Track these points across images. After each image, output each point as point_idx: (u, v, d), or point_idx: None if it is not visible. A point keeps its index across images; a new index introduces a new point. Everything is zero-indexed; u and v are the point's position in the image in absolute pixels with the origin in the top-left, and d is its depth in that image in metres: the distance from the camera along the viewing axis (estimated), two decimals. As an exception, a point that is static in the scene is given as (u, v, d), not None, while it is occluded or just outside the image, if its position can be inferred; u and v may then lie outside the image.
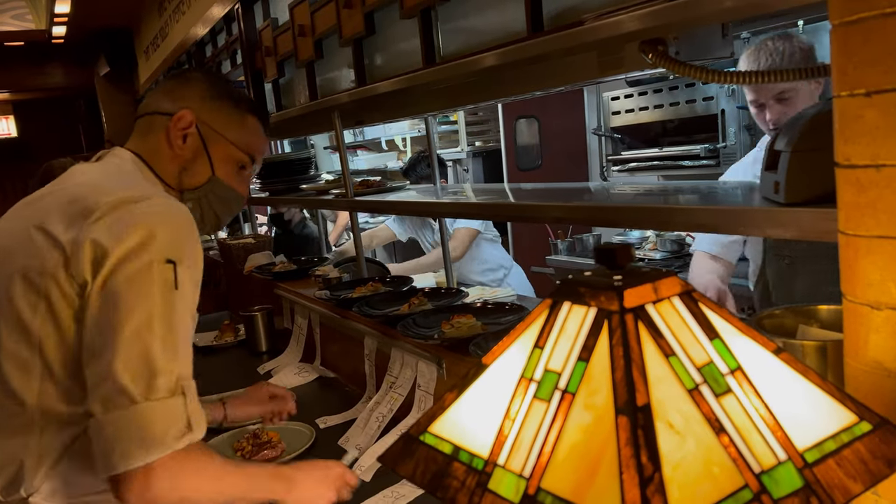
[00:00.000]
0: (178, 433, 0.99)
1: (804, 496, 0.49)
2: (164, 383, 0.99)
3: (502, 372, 0.60)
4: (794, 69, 0.93)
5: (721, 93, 3.10)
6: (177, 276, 1.05)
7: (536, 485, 0.51)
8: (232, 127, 1.33)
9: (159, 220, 1.07)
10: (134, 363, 0.98)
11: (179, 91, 1.32)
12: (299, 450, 1.59)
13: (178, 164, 1.30)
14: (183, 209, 1.13)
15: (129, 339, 0.99)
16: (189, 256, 1.08)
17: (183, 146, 1.28)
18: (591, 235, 3.89)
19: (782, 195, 0.87)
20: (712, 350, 0.54)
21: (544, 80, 1.43)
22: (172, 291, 1.04)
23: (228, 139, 1.32)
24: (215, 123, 1.31)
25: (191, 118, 1.28)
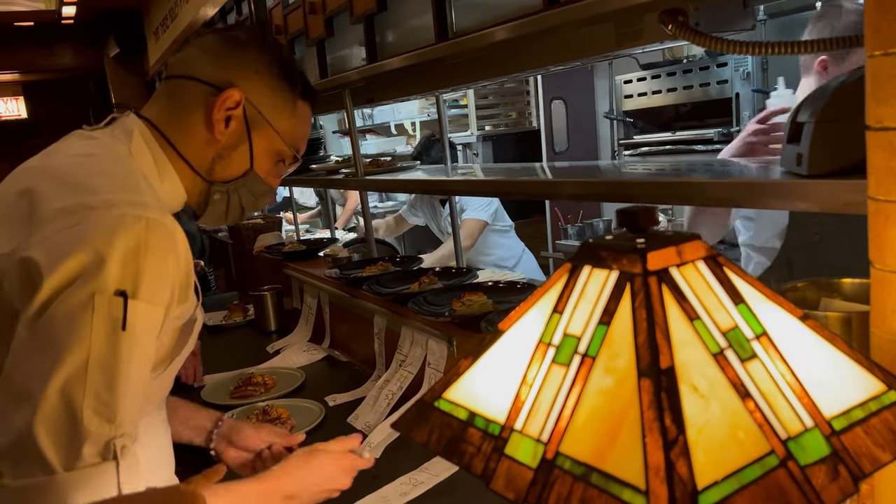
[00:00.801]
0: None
1: (832, 464, 0.48)
2: (93, 450, 0.80)
3: (519, 337, 0.58)
4: (828, 38, 0.90)
5: (736, 76, 3.06)
6: (126, 312, 0.82)
7: (555, 449, 0.50)
8: (283, 115, 1.09)
9: (114, 238, 0.82)
10: (57, 425, 0.78)
11: (229, 58, 1.07)
12: (308, 427, 1.59)
13: (213, 151, 1.06)
14: (160, 224, 0.87)
15: (55, 393, 0.78)
16: (151, 288, 0.84)
17: (224, 131, 1.04)
18: (602, 220, 3.86)
19: (805, 167, 0.85)
20: (737, 315, 0.53)
21: (560, 55, 1.41)
22: (118, 333, 0.81)
23: (276, 129, 1.08)
24: (265, 108, 1.07)
25: (239, 98, 1.04)
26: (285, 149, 1.11)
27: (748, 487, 0.45)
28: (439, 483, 1.30)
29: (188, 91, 1.05)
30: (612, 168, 2.17)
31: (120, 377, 0.82)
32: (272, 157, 1.10)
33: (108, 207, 0.85)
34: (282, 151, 1.11)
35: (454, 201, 2.46)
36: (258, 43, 1.10)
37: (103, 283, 0.81)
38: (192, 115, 1.04)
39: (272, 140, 1.08)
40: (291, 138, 1.11)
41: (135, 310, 0.83)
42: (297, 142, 1.13)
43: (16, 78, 8.59)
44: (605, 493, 0.45)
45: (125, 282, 0.83)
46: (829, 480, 0.47)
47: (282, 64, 1.09)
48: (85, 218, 0.84)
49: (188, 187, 1.07)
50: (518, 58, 1.59)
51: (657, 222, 0.56)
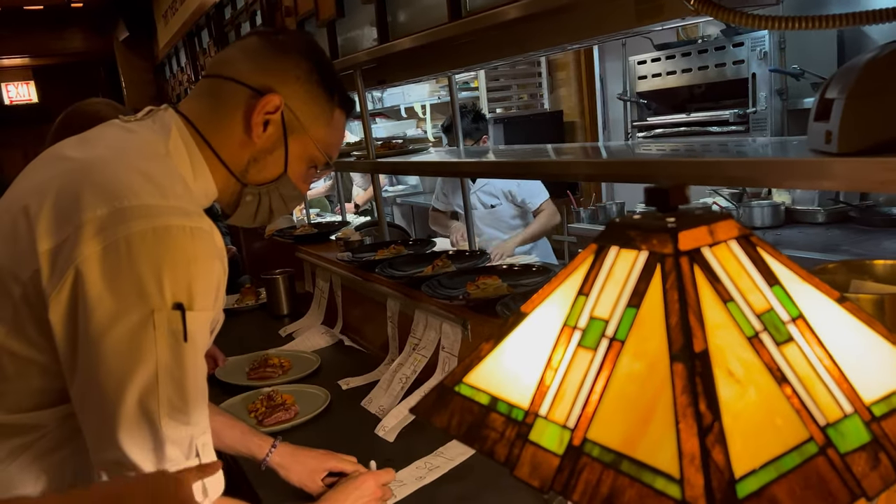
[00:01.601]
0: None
1: (872, 451, 0.46)
2: (177, 451, 0.86)
3: (543, 321, 0.57)
4: (858, 13, 0.87)
5: (752, 56, 3.01)
6: (186, 324, 0.85)
7: (582, 436, 0.48)
8: (320, 122, 1.09)
9: (165, 254, 0.85)
10: (139, 435, 0.84)
11: (271, 63, 1.07)
12: (313, 413, 1.59)
13: (249, 153, 1.05)
14: (202, 231, 0.89)
15: (131, 408, 0.83)
16: (202, 296, 0.88)
17: (262, 134, 1.04)
18: (615, 203, 3.83)
19: (835, 145, 0.82)
20: (772, 297, 0.50)
21: (577, 33, 1.38)
22: (181, 344, 0.85)
23: (312, 136, 1.08)
24: (303, 114, 1.06)
25: (278, 103, 1.04)
26: (319, 156, 1.11)
27: (787, 476, 0.43)
28: (455, 467, 1.29)
29: (228, 92, 1.05)
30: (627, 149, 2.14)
31: (188, 383, 0.86)
32: (306, 162, 1.11)
33: (150, 219, 0.85)
34: (315, 158, 1.11)
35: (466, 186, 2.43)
36: (300, 49, 1.09)
37: (160, 300, 0.84)
38: (230, 117, 1.04)
39: (307, 146, 1.09)
40: (326, 146, 1.11)
41: (192, 320, 0.86)
42: (330, 149, 1.13)
43: (26, 62, 8.59)
44: (636, 482, 0.44)
45: (180, 294, 0.85)
46: (869, 468, 0.45)
47: (322, 72, 1.09)
48: (130, 231, 0.84)
49: (221, 186, 1.06)
50: (532, 36, 1.56)
51: (688, 200, 0.53)
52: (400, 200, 5.60)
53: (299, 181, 1.12)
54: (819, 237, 2.57)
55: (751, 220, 2.81)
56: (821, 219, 2.71)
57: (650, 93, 3.60)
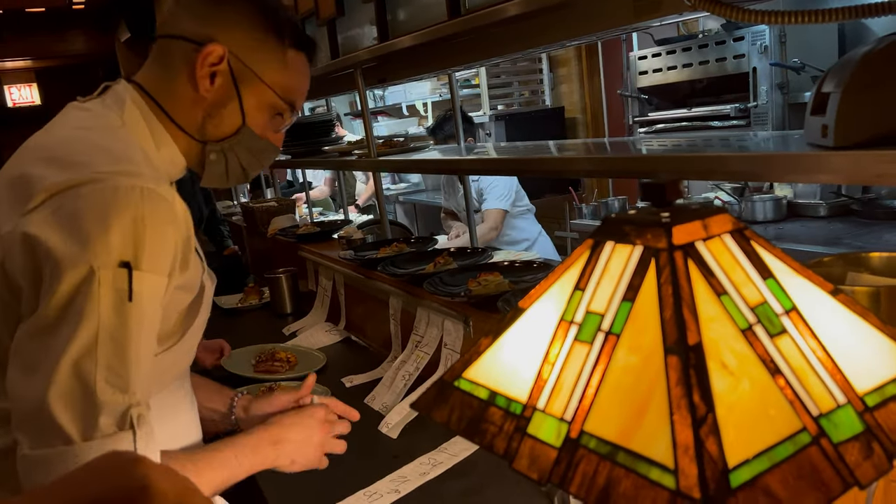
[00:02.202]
0: None
1: (865, 440, 0.47)
2: (109, 420, 0.80)
3: (540, 315, 0.57)
4: (857, 6, 0.87)
5: (753, 50, 3.01)
6: (132, 283, 0.83)
7: (579, 428, 0.49)
8: (272, 66, 1.04)
9: (112, 211, 0.83)
10: (72, 397, 0.79)
11: (210, 12, 1.03)
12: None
13: (202, 109, 1.03)
14: (154, 193, 0.87)
15: (68, 368, 0.79)
16: (153, 258, 0.85)
17: (210, 88, 1.01)
18: (616, 199, 3.83)
19: (831, 139, 0.83)
20: (766, 290, 0.51)
21: (576, 29, 1.38)
22: (125, 304, 0.82)
23: (266, 81, 1.04)
24: (252, 61, 1.02)
25: (222, 52, 1.00)
26: (280, 102, 1.06)
27: (780, 465, 0.43)
28: (458, 463, 1.30)
29: (173, 51, 1.02)
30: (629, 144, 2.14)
31: (130, 347, 0.83)
32: (266, 111, 1.06)
33: (100, 181, 0.84)
34: (276, 105, 1.06)
35: (468, 185, 2.44)
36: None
37: (105, 256, 0.81)
38: (178, 76, 1.02)
39: (263, 94, 1.04)
40: (285, 90, 1.06)
41: (139, 280, 0.83)
42: (291, 94, 1.08)
43: (28, 64, 8.62)
44: (632, 473, 0.44)
45: (126, 253, 0.83)
46: (862, 458, 0.46)
47: (267, 13, 1.05)
48: (81, 193, 0.83)
49: (184, 150, 1.05)
50: (531, 33, 1.57)
51: (682, 195, 0.54)
52: (402, 198, 5.60)
53: (264, 131, 1.08)
54: (821, 230, 2.57)
55: (753, 214, 2.81)
56: (823, 212, 2.71)
57: (651, 88, 3.61)
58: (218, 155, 1.06)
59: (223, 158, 1.07)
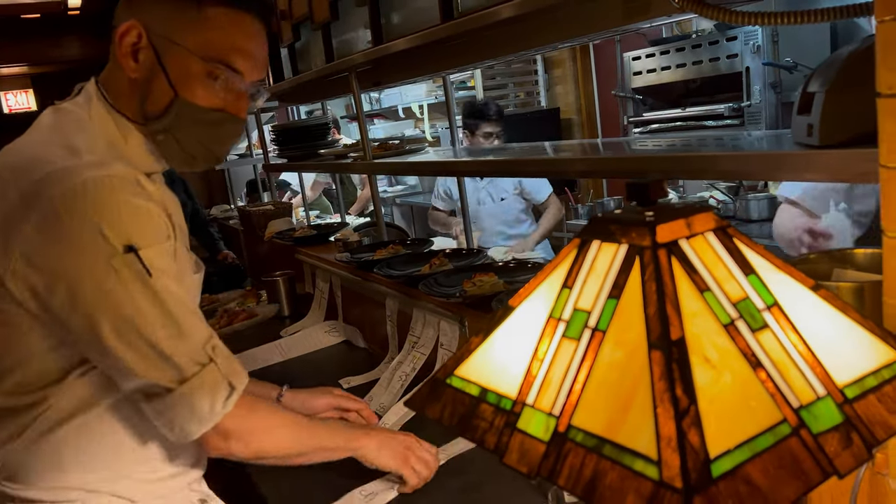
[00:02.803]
0: (223, 399, 0.97)
1: (844, 431, 0.48)
2: (188, 362, 0.94)
3: (530, 313, 0.59)
4: (838, 7, 0.89)
5: (746, 50, 3.02)
6: (143, 261, 0.91)
7: (567, 422, 0.50)
8: (190, 29, 1.00)
9: (93, 205, 0.89)
10: (148, 362, 0.93)
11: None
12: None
13: (135, 92, 1.02)
14: (120, 178, 0.92)
15: (131, 346, 0.91)
16: (146, 233, 0.92)
17: (136, 66, 1.01)
18: (612, 199, 3.85)
19: (816, 137, 0.84)
20: (748, 286, 0.52)
21: (567, 31, 1.40)
22: (148, 280, 0.91)
23: (186, 46, 1.00)
24: (169, 30, 1.00)
25: (138, 30, 0.99)
26: (206, 64, 1.01)
27: (760, 455, 0.45)
28: (456, 461, 1.31)
29: (113, 41, 1.03)
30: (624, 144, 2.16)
31: (171, 307, 0.93)
32: (197, 78, 1.01)
33: (67, 178, 0.89)
34: (206, 69, 1.01)
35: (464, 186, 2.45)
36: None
37: (110, 248, 0.89)
38: (114, 64, 1.04)
39: (186, 59, 1.00)
40: (208, 50, 1.01)
41: (149, 255, 0.92)
42: (220, 54, 1.01)
43: (24, 71, 8.61)
44: (617, 465, 0.46)
45: (125, 237, 0.90)
46: (841, 448, 0.47)
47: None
48: (52, 195, 0.89)
49: (144, 138, 1.06)
50: (524, 36, 1.58)
51: (666, 194, 0.55)
52: (399, 201, 5.62)
53: (211, 101, 1.03)
54: (815, 228, 2.58)
55: (747, 212, 2.83)
56: (816, 210, 2.72)
57: (645, 88, 3.62)
58: (165, 135, 1.04)
59: (172, 138, 1.04)
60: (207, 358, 0.96)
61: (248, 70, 1.04)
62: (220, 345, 1.00)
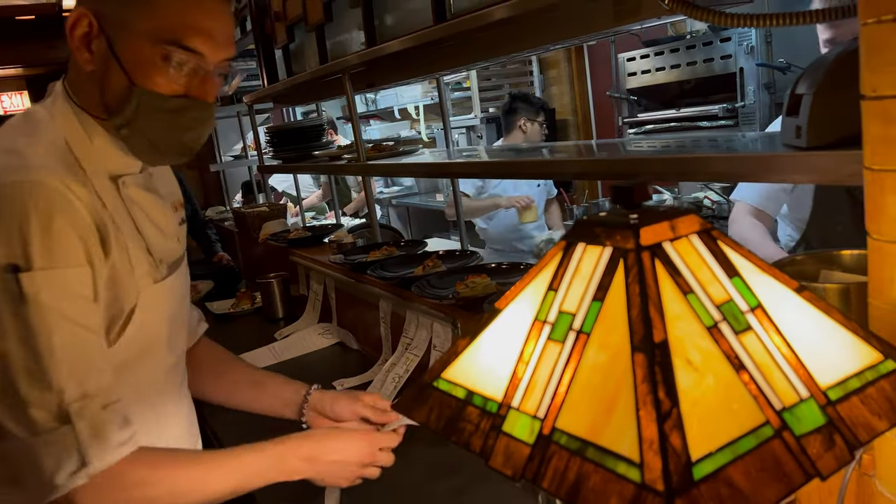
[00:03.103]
0: (68, 471, 0.82)
1: (827, 433, 0.48)
2: (43, 416, 0.82)
3: (515, 316, 0.59)
4: (825, 9, 0.89)
5: (739, 51, 3.03)
6: (22, 286, 0.81)
7: (551, 425, 0.50)
8: (140, 12, 0.92)
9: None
10: (4, 400, 0.83)
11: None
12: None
13: (94, 86, 0.96)
14: (39, 185, 0.84)
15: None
16: (47, 253, 0.82)
17: (90, 58, 0.94)
18: (607, 200, 3.85)
19: (804, 139, 0.84)
20: (732, 288, 0.52)
21: (560, 33, 1.40)
22: (24, 306, 0.81)
23: (137, 30, 0.92)
24: (119, 15, 0.92)
25: (88, 18, 0.92)
26: (159, 47, 0.92)
27: (743, 458, 0.45)
28: (446, 463, 1.31)
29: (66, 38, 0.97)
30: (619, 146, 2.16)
31: (42, 346, 0.82)
32: (152, 63, 0.93)
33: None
34: (158, 52, 0.93)
35: (457, 186, 2.45)
36: None
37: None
38: (72, 58, 0.97)
39: (137, 45, 0.92)
40: (161, 32, 0.92)
41: (31, 281, 0.82)
42: (174, 36, 0.93)
43: (19, 72, 8.60)
44: (600, 467, 0.46)
45: (12, 255, 0.81)
46: (824, 449, 0.47)
47: None
48: None
49: (112, 135, 0.99)
50: (518, 37, 1.58)
51: (650, 197, 0.55)
52: (395, 202, 5.62)
53: (164, 86, 0.94)
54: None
55: (741, 213, 2.83)
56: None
57: (640, 89, 3.63)
58: (128, 128, 0.96)
59: (136, 131, 0.96)
60: (67, 417, 0.83)
61: (209, 50, 0.95)
62: (95, 409, 0.85)
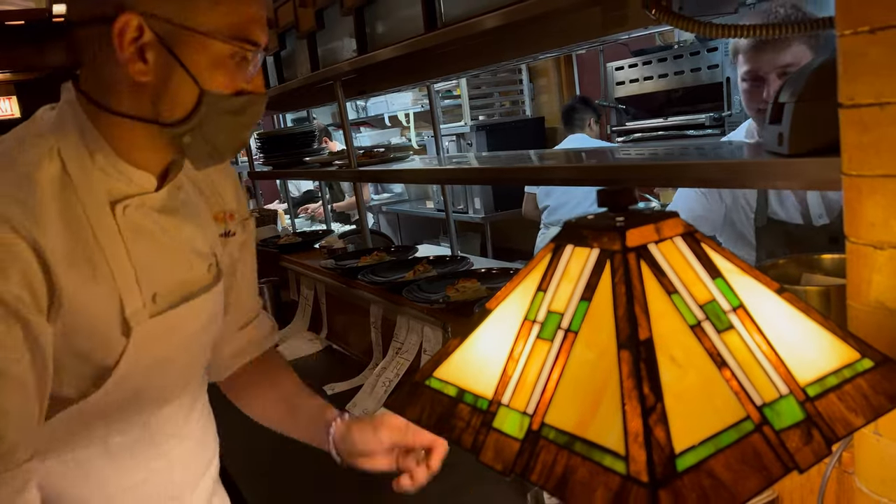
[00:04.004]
0: None
1: (806, 427, 0.50)
2: None
3: (506, 316, 0.60)
4: (804, 20, 0.92)
5: (726, 60, 3.08)
6: None
7: (540, 421, 0.52)
8: (200, 9, 0.82)
9: None
10: None
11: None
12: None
13: (146, 95, 0.84)
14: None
15: None
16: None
17: (145, 68, 0.82)
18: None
19: (786, 146, 0.87)
20: (714, 288, 0.54)
21: (549, 42, 1.42)
22: None
23: (203, 31, 0.82)
24: (174, 14, 0.81)
25: (137, 21, 0.80)
26: (228, 46, 0.84)
27: (724, 451, 0.46)
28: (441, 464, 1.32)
29: (90, 38, 0.85)
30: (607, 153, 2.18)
31: None
32: (221, 64, 0.85)
33: None
34: (231, 52, 0.85)
35: (447, 192, 2.47)
36: None
37: None
38: (105, 64, 0.84)
39: (206, 46, 0.83)
40: (232, 30, 0.84)
41: None
42: (242, 30, 0.85)
43: (8, 77, 8.55)
44: (587, 460, 0.47)
45: None
46: (802, 443, 0.49)
47: None
48: None
49: (149, 141, 0.89)
50: (508, 46, 1.61)
51: (636, 201, 0.57)
52: (385, 208, 5.63)
53: (228, 86, 0.86)
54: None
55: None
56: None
57: (628, 98, 3.67)
58: (193, 135, 0.88)
59: (201, 136, 0.88)
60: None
61: (265, 39, 0.89)
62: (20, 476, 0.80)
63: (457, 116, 5.04)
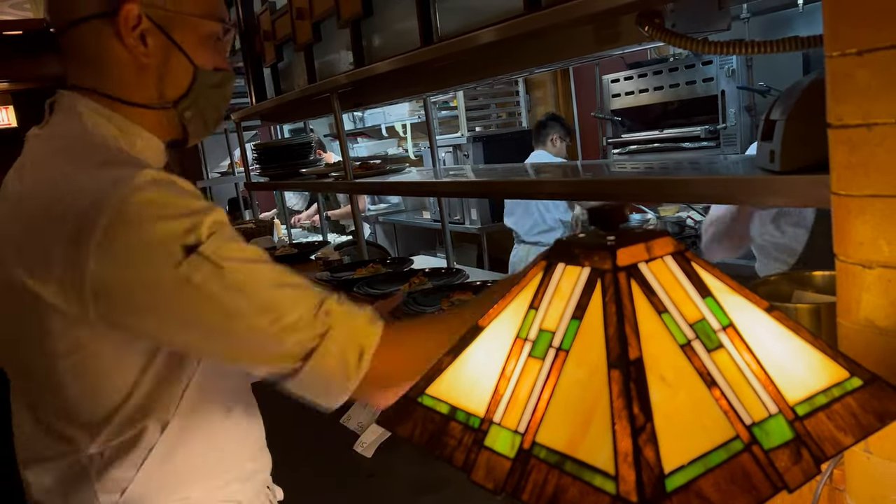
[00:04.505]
0: (354, 366, 0.87)
1: (795, 447, 0.50)
2: (302, 339, 0.85)
3: (498, 333, 0.60)
4: (790, 38, 0.93)
5: (721, 74, 3.10)
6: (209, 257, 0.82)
7: (531, 439, 0.52)
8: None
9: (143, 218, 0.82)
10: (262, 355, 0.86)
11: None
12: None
13: (150, 77, 0.97)
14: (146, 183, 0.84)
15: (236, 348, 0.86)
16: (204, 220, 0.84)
17: (147, 51, 0.95)
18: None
19: (777, 163, 0.87)
20: (704, 307, 0.55)
21: (542, 57, 1.44)
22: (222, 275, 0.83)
23: (189, 13, 0.97)
24: (170, 4, 0.96)
25: (137, 10, 0.93)
26: (212, 25, 1.00)
27: (713, 471, 0.47)
28: (432, 479, 1.32)
29: (88, 36, 0.95)
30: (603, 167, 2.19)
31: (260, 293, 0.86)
32: (206, 43, 1.00)
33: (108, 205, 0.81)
34: (211, 30, 1.00)
35: (443, 204, 2.48)
36: None
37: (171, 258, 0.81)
38: (109, 57, 0.95)
39: (195, 27, 0.98)
40: (208, 10, 1.00)
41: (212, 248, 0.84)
42: (214, 10, 1.01)
43: (5, 87, 8.56)
44: (578, 480, 0.47)
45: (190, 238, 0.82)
46: (791, 463, 0.49)
47: None
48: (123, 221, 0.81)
49: (156, 126, 1.00)
50: (502, 60, 1.62)
51: (627, 219, 0.58)
52: (382, 219, 5.64)
53: (211, 62, 1.01)
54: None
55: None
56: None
57: (624, 110, 3.69)
58: (192, 110, 1.01)
59: (198, 111, 1.02)
60: (324, 327, 0.86)
61: (227, 17, 1.04)
62: (334, 307, 0.89)
63: (453, 127, 5.06)
